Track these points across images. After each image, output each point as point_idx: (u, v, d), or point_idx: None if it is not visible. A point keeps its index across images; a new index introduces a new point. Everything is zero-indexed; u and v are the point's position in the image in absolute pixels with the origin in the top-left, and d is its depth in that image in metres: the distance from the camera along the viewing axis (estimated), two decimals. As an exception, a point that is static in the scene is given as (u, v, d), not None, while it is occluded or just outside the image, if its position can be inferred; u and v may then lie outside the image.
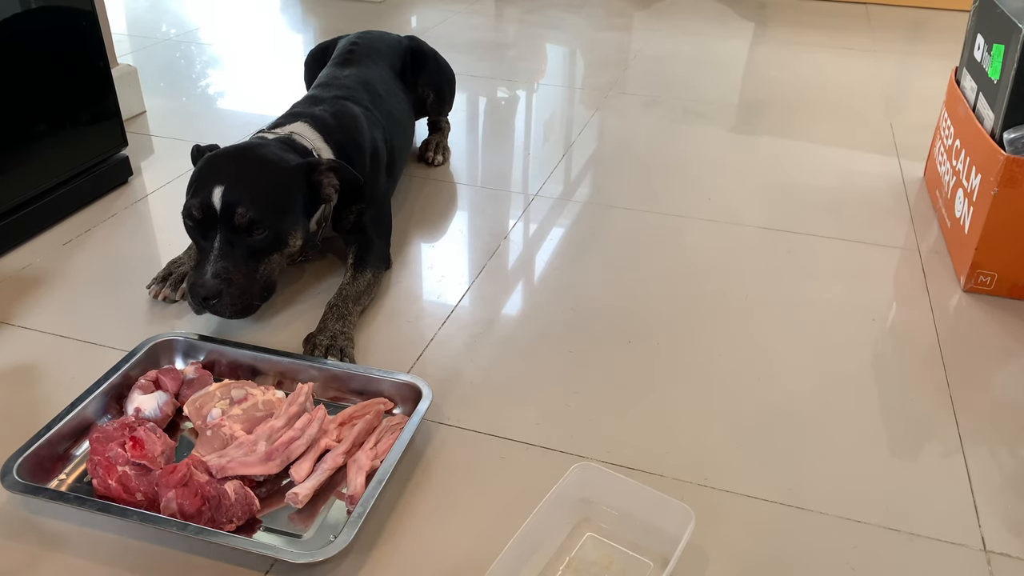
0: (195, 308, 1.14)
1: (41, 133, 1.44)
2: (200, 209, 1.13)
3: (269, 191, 1.16)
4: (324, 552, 0.81)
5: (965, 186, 1.40)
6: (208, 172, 1.16)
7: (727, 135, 1.96)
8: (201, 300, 1.12)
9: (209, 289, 1.11)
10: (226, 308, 1.13)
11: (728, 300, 1.31)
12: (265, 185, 1.16)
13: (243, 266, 1.14)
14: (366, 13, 2.92)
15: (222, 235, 1.13)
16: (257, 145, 1.21)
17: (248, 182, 1.14)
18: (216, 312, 1.13)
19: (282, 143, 1.24)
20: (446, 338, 1.21)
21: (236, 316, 1.15)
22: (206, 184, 1.14)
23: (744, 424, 1.05)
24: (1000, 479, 0.98)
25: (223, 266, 1.12)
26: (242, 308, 1.15)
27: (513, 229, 1.52)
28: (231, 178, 1.14)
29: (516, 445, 1.01)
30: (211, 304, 1.12)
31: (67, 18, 1.46)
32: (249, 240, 1.14)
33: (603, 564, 0.85)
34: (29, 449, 0.91)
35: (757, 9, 3.12)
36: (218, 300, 1.12)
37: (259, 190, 1.14)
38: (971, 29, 1.54)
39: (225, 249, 1.13)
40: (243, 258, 1.14)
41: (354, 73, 1.54)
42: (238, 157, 1.19)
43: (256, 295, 1.16)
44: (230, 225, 1.13)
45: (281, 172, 1.18)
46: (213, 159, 1.19)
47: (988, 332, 1.25)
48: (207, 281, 1.11)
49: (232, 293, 1.12)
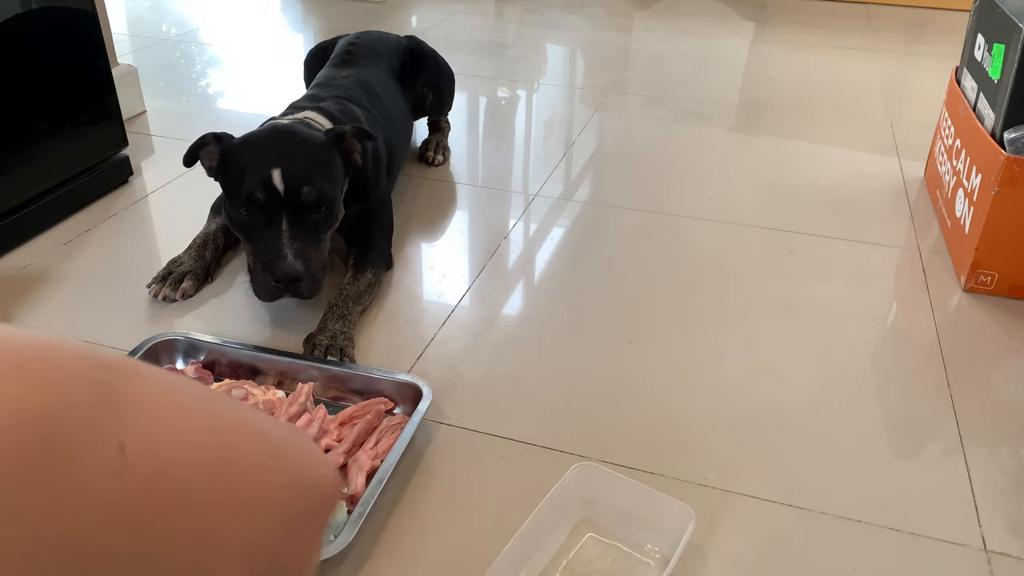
0: (272, 294, 1.13)
1: (41, 133, 1.44)
2: (264, 192, 1.11)
3: (322, 167, 1.16)
4: (324, 552, 0.81)
5: (965, 186, 1.40)
6: (256, 156, 1.15)
7: (727, 135, 1.96)
8: (289, 282, 1.11)
9: (295, 270, 1.10)
10: (308, 288, 1.13)
11: (729, 300, 1.31)
12: (317, 162, 1.16)
13: (312, 244, 1.15)
14: (366, 13, 2.92)
15: (288, 216, 1.13)
16: (290, 126, 1.21)
17: (304, 161, 1.15)
18: (298, 294, 1.13)
19: (303, 124, 1.24)
20: (446, 338, 1.21)
21: (313, 295, 1.15)
22: (259, 167, 1.12)
23: (744, 424, 1.05)
24: (1000, 479, 0.98)
25: (299, 247, 1.12)
26: (318, 287, 1.16)
27: (513, 229, 1.52)
28: (285, 159, 1.13)
29: (516, 445, 1.01)
30: (296, 286, 1.12)
31: (67, 18, 1.46)
32: (313, 218, 1.14)
33: (603, 564, 0.85)
34: (29, 449, 0.91)
35: (757, 9, 3.12)
36: (302, 281, 1.12)
37: (315, 167, 1.15)
38: (971, 29, 1.54)
39: (295, 230, 1.13)
40: (311, 237, 1.15)
41: (352, 74, 1.54)
42: (280, 138, 1.18)
43: (324, 273, 1.18)
44: (296, 205, 1.12)
45: (322, 147, 1.19)
46: (251, 144, 1.17)
47: (988, 332, 1.25)
48: (290, 263, 1.10)
49: (312, 272, 1.13)
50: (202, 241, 1.34)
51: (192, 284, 1.28)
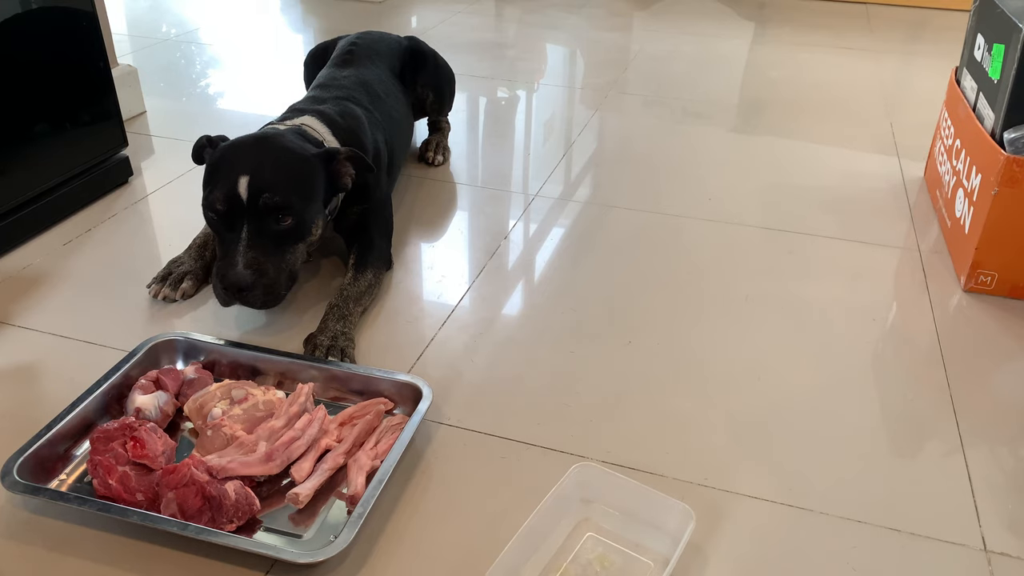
0: (223, 300, 1.14)
1: (41, 133, 1.45)
2: (225, 200, 1.12)
3: (294, 178, 1.16)
4: (324, 552, 0.81)
5: (965, 186, 1.40)
6: (230, 162, 1.15)
7: (727, 135, 1.96)
8: (235, 291, 1.11)
9: (242, 279, 1.10)
10: (258, 299, 1.13)
11: (728, 300, 1.31)
12: (290, 172, 1.16)
13: (272, 255, 1.14)
14: (366, 13, 2.92)
15: (249, 225, 1.13)
16: (275, 134, 1.21)
17: (273, 170, 1.14)
18: (247, 303, 1.13)
19: (295, 133, 1.24)
20: (446, 338, 1.21)
21: (266, 307, 1.15)
22: (229, 174, 1.13)
23: (744, 424, 1.05)
24: (1000, 479, 0.98)
25: (253, 256, 1.12)
26: (272, 298, 1.15)
27: (513, 229, 1.52)
28: (256, 167, 1.13)
29: (516, 445, 1.01)
30: (243, 295, 1.12)
31: (67, 18, 1.46)
32: (276, 229, 1.14)
33: (603, 564, 0.85)
34: (30, 449, 0.91)
35: (757, 9, 3.12)
36: (250, 291, 1.11)
37: (285, 177, 1.14)
38: (971, 29, 1.54)
39: (254, 239, 1.13)
40: (271, 247, 1.14)
41: (353, 74, 1.54)
42: (259, 146, 1.18)
43: (283, 285, 1.16)
44: (257, 214, 1.12)
45: (304, 160, 1.18)
46: (232, 149, 1.18)
47: (988, 332, 1.25)
48: (239, 272, 1.11)
49: (264, 283, 1.13)
50: (202, 241, 1.34)
51: (192, 284, 1.28)
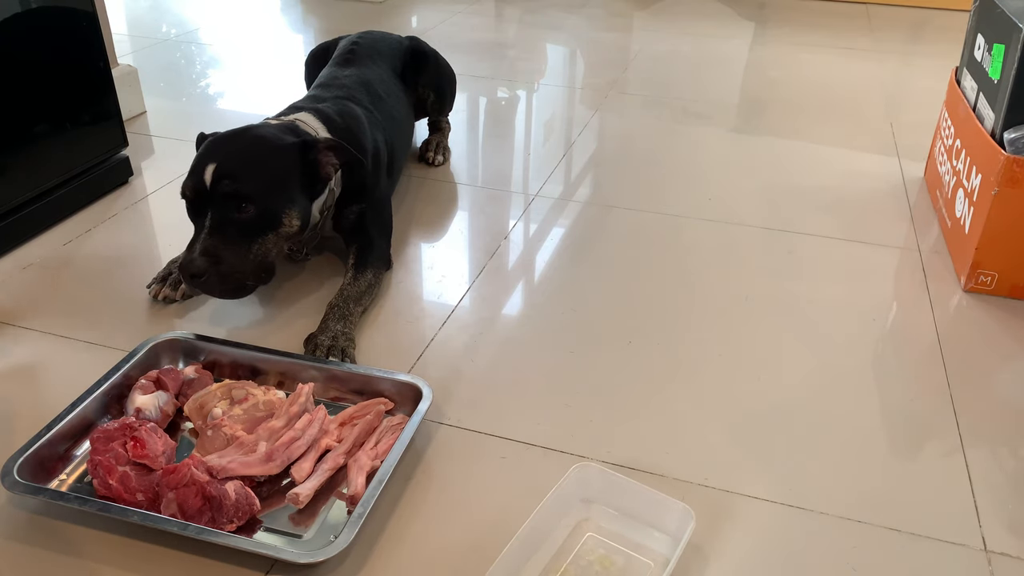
0: (188, 287, 1.16)
1: (42, 133, 1.45)
2: (192, 188, 1.14)
3: (259, 167, 1.16)
4: (324, 552, 0.81)
5: (965, 186, 1.40)
6: (205, 151, 1.18)
7: (727, 135, 1.96)
8: (188, 277, 1.12)
9: (197, 267, 1.11)
10: (215, 286, 1.13)
11: (728, 300, 1.31)
12: (256, 161, 1.17)
13: (233, 244, 1.14)
14: (366, 13, 2.92)
15: (213, 213, 1.14)
16: (255, 126, 1.23)
17: (239, 158, 1.15)
18: (205, 290, 1.14)
19: (284, 127, 1.24)
20: (446, 338, 1.21)
21: (227, 296, 1.16)
22: (200, 162, 1.15)
23: (744, 424, 1.05)
24: (1000, 479, 0.98)
25: (211, 243, 1.13)
26: (233, 288, 1.15)
27: (513, 229, 1.52)
28: (224, 156, 1.15)
29: (516, 445, 1.01)
30: (198, 282, 1.12)
31: (67, 18, 1.46)
32: (239, 217, 1.14)
33: (603, 564, 0.85)
34: (30, 449, 0.91)
35: (757, 9, 3.12)
36: (206, 278, 1.12)
37: (249, 166, 1.15)
38: (971, 29, 1.54)
39: (215, 227, 1.14)
40: (234, 236, 1.14)
41: (354, 73, 1.54)
42: (234, 137, 1.20)
43: (249, 275, 1.16)
44: (220, 202, 1.13)
45: (274, 150, 1.19)
46: (212, 140, 1.21)
47: (988, 332, 1.25)
48: (194, 259, 1.11)
49: (221, 271, 1.12)
50: (202, 241, 1.34)
51: (192, 284, 1.28)
